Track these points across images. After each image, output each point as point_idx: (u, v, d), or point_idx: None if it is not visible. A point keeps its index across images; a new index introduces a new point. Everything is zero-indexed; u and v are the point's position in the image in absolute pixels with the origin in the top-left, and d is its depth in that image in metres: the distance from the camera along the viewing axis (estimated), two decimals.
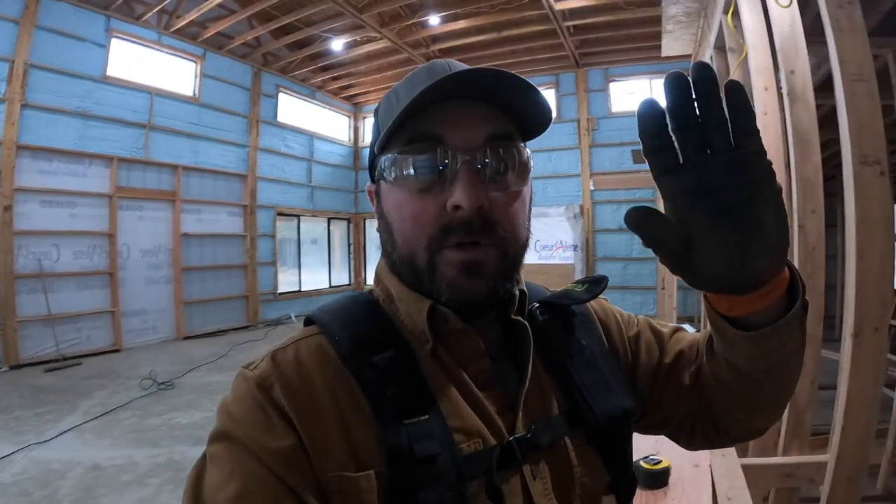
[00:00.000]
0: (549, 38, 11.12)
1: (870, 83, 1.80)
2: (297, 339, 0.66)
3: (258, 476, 0.54)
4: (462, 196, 0.60)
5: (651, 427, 0.81)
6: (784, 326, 0.57)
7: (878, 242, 1.83)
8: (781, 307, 0.57)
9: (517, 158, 0.64)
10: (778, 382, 0.67)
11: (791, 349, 0.62)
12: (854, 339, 1.84)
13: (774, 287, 0.55)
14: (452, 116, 0.62)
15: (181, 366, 7.36)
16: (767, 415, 0.75)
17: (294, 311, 12.47)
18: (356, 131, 15.40)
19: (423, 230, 0.62)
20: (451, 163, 0.61)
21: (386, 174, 0.65)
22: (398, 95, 0.68)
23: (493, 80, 0.60)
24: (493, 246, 0.62)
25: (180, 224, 9.84)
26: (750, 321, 0.58)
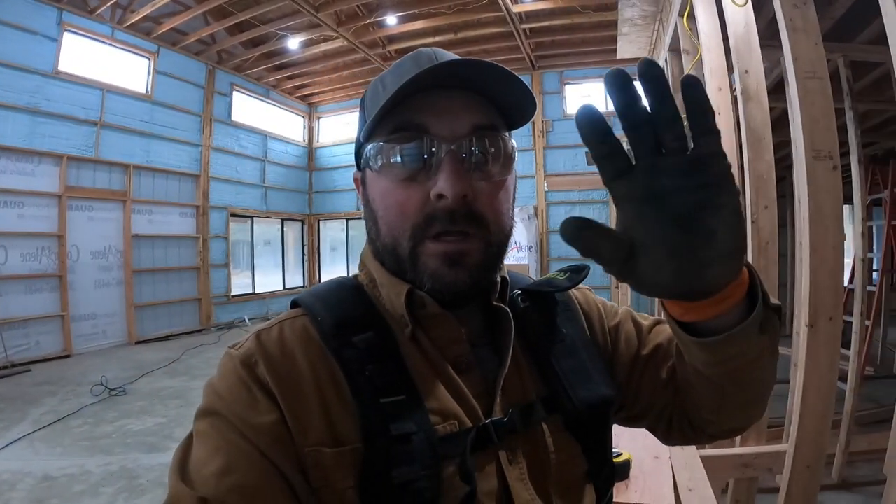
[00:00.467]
0: (505, 40, 11.24)
1: (823, 81, 1.87)
2: (282, 320, 0.67)
3: (242, 451, 0.55)
4: (446, 185, 0.60)
5: (629, 419, 0.81)
6: (740, 334, 0.54)
7: (830, 235, 1.89)
8: (739, 314, 0.55)
9: (502, 148, 0.65)
10: (743, 388, 0.65)
11: (753, 357, 0.59)
12: (809, 329, 1.90)
13: (729, 294, 0.52)
14: (438, 106, 0.63)
15: (133, 371, 7.15)
16: (739, 418, 0.73)
17: (248, 313, 12.25)
18: (311, 131, 15.25)
19: (407, 218, 0.63)
20: (436, 152, 0.62)
21: (372, 162, 0.66)
22: (384, 84, 0.68)
23: (479, 70, 0.61)
24: (477, 237, 0.63)
25: (131, 225, 9.54)
26: (706, 327, 0.56)
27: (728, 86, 3.06)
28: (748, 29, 2.46)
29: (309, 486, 0.57)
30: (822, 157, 1.88)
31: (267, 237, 13.82)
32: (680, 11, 3.45)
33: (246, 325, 11.59)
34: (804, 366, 1.95)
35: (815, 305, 1.90)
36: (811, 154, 1.88)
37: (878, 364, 6.17)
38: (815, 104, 1.87)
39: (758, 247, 2.57)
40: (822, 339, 1.90)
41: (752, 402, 0.70)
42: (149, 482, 3.78)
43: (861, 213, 4.09)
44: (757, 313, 0.54)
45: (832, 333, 1.89)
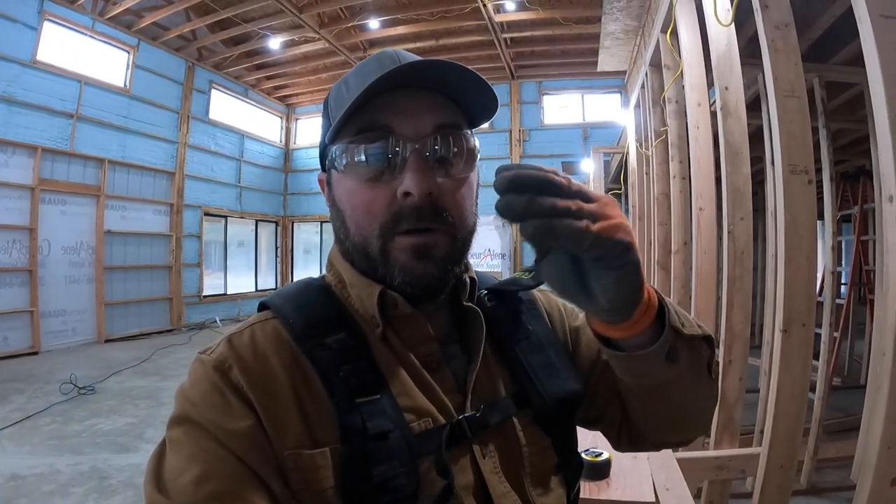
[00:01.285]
0: (486, 48, 11.37)
1: (801, 100, 1.96)
2: (252, 324, 0.67)
3: (219, 457, 0.55)
4: (411, 183, 0.61)
5: (586, 421, 0.82)
6: (643, 357, 0.58)
7: (804, 245, 1.97)
8: (650, 338, 0.58)
9: (464, 146, 0.66)
10: (664, 405, 0.69)
11: (664, 380, 0.63)
12: (783, 334, 1.98)
13: (630, 326, 0.56)
14: (402, 106, 0.64)
15: (103, 370, 7.02)
16: (670, 434, 0.77)
17: (219, 314, 12.14)
18: (288, 133, 15.22)
19: (374, 218, 0.64)
20: (401, 151, 0.63)
21: (337, 163, 0.66)
22: (348, 85, 0.69)
23: (442, 70, 0.62)
24: (443, 231, 0.64)
25: (104, 221, 9.39)
26: (620, 344, 0.60)
27: (707, 101, 3.16)
28: (729, 47, 2.56)
29: (289, 489, 0.57)
30: (798, 171, 1.96)
31: (240, 238, 13.73)
32: (663, 27, 3.54)
33: (217, 326, 11.48)
34: (778, 369, 2.03)
35: (789, 311, 1.99)
36: (788, 168, 1.96)
37: (845, 375, 6.32)
38: (793, 121, 1.95)
39: (733, 256, 2.65)
40: (796, 344, 1.98)
41: (679, 420, 0.73)
42: (119, 483, 3.72)
43: (832, 228, 4.21)
44: (659, 345, 0.58)
45: (805, 338, 1.97)
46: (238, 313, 12.78)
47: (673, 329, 0.59)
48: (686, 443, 0.82)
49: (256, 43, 11.24)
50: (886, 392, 1.19)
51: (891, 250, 1.22)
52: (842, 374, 6.30)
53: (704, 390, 0.69)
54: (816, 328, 4.38)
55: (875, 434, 1.21)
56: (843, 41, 3.78)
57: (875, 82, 1.24)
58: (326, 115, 0.73)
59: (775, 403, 2.03)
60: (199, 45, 11.42)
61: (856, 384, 5.89)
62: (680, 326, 0.60)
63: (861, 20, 1.31)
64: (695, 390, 0.68)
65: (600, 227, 0.46)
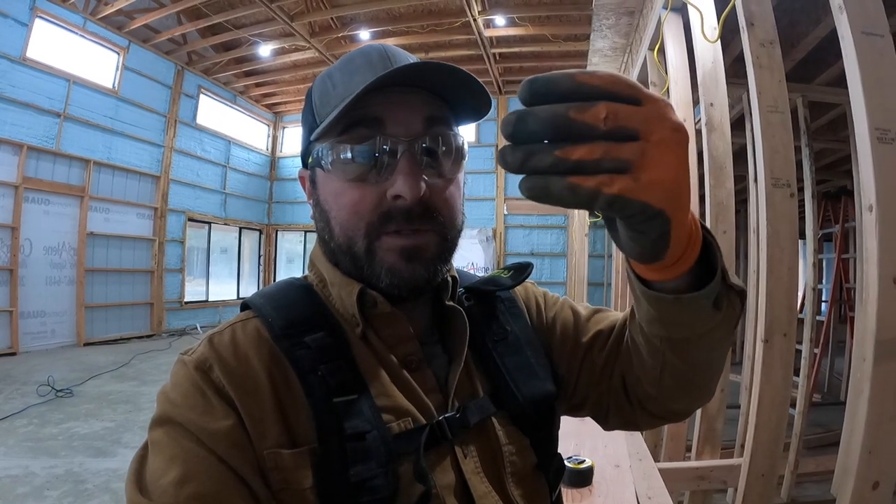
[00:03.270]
0: (474, 62, 11.43)
1: (784, 115, 2.00)
2: (233, 323, 0.67)
3: (200, 458, 0.55)
4: (404, 187, 0.61)
5: (571, 408, 0.82)
6: (689, 301, 0.53)
7: (786, 256, 2.01)
8: (687, 285, 0.53)
9: (454, 145, 0.65)
10: (684, 362, 0.63)
11: (699, 332, 0.58)
12: (765, 344, 2.01)
13: (664, 270, 0.51)
14: (392, 101, 0.63)
15: (81, 373, 6.92)
16: (680, 398, 0.71)
17: (200, 321, 12.02)
18: (274, 140, 15.17)
19: (361, 218, 0.63)
20: (391, 151, 0.62)
21: (323, 161, 0.65)
22: (333, 81, 0.67)
23: (438, 72, 0.61)
24: (433, 231, 0.64)
25: (87, 222, 9.29)
26: (662, 287, 0.54)
27: (692, 117, 3.22)
28: (715, 64, 2.61)
29: (269, 488, 0.57)
30: (780, 185, 2.00)
31: (224, 244, 13.64)
32: (650, 45, 3.60)
33: (198, 333, 11.34)
34: (760, 379, 2.06)
35: (770, 322, 2.02)
36: (770, 182, 2.00)
37: (825, 391, 6.43)
38: (776, 136, 2.00)
39: None
40: (777, 353, 2.01)
41: (694, 382, 0.68)
42: (95, 487, 3.65)
43: (813, 245, 4.28)
44: (710, 289, 0.53)
45: (786, 348, 2.00)
46: (219, 320, 12.57)
47: (723, 274, 0.54)
48: (688, 412, 0.76)
49: (246, 49, 11.25)
50: (867, 397, 1.21)
51: (870, 258, 1.25)
52: (822, 391, 6.41)
53: (726, 349, 0.66)
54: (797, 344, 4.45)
55: (856, 439, 1.24)
56: (827, 62, 3.87)
57: (856, 95, 1.29)
58: (310, 110, 0.70)
59: (757, 412, 2.06)
60: (190, 50, 11.38)
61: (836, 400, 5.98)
62: (725, 271, 0.55)
63: (843, 37, 1.35)
64: (720, 348, 0.64)
65: (623, 186, 0.37)
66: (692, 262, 0.51)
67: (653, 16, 3.49)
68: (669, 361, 0.63)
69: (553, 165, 0.37)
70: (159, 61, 10.92)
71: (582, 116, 0.36)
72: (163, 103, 11.12)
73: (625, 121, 0.37)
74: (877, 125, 1.27)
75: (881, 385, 1.22)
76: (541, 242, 13.21)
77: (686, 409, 0.75)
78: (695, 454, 2.79)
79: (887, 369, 1.22)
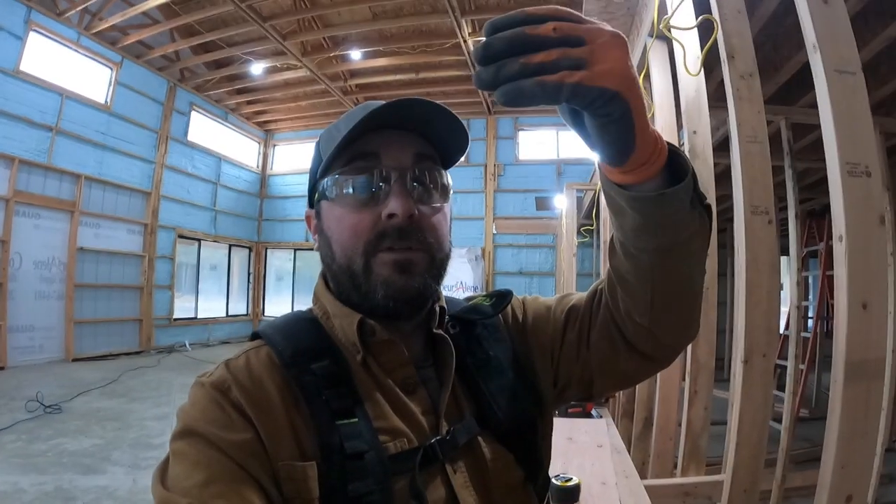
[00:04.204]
0: (464, 83, 11.60)
1: (762, 145, 2.08)
2: (247, 350, 0.73)
3: (222, 464, 0.60)
4: (396, 205, 0.68)
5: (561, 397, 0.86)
6: (670, 195, 0.58)
7: (765, 280, 2.08)
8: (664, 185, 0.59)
9: (439, 179, 0.74)
10: (671, 278, 0.68)
11: (685, 236, 0.64)
12: (745, 365, 2.08)
13: (639, 171, 0.57)
14: (386, 140, 0.72)
15: (69, 389, 6.88)
16: (672, 325, 0.74)
17: (189, 338, 11.97)
18: (265, 158, 15.25)
19: (359, 237, 0.70)
20: (386, 180, 0.70)
21: (328, 193, 0.73)
22: (338, 128, 0.75)
23: (424, 110, 0.70)
24: (422, 250, 0.70)
25: (77, 237, 9.29)
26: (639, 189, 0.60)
27: (677, 143, 3.30)
28: (699, 94, 2.69)
29: (282, 496, 0.62)
30: (759, 212, 2.07)
31: (213, 261, 13.64)
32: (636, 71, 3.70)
33: (186, 350, 11.30)
34: (740, 398, 2.13)
35: (749, 343, 2.08)
36: (749, 209, 2.06)
37: (813, 406, 6.51)
38: (755, 165, 2.07)
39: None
40: (757, 373, 2.07)
41: (682, 302, 0.72)
42: None
43: (797, 264, 4.36)
44: (687, 182, 0.59)
45: (765, 368, 2.07)
46: (208, 338, 12.63)
47: (693, 178, 0.60)
48: (677, 347, 0.79)
49: (239, 67, 11.35)
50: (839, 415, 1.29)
51: (840, 285, 1.33)
52: (809, 406, 6.48)
53: (703, 267, 0.71)
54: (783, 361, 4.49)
55: (830, 454, 1.31)
56: (809, 85, 3.95)
57: (828, 130, 1.37)
58: (317, 154, 0.79)
59: (738, 430, 2.12)
60: (182, 66, 11.48)
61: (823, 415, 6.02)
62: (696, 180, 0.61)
63: (817, 74, 1.43)
64: (699, 262, 0.70)
65: (582, 76, 0.45)
66: (662, 162, 0.58)
67: (639, 42, 3.59)
68: (657, 278, 0.68)
69: (521, 70, 0.45)
70: (152, 77, 10.98)
71: (536, 31, 0.45)
72: (154, 119, 11.17)
73: (571, 31, 0.46)
74: (847, 159, 1.34)
75: (851, 404, 1.29)
76: (529, 261, 13.30)
77: (675, 341, 0.78)
78: (680, 471, 2.85)
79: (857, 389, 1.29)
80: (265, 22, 9.33)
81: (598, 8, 3.83)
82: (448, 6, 8.81)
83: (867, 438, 1.29)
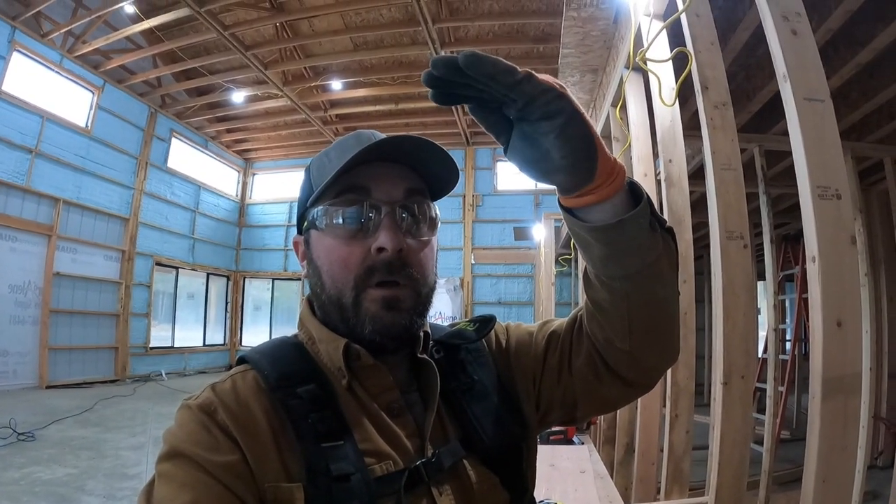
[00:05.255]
0: (443, 114, 11.78)
1: (736, 172, 2.14)
2: (233, 374, 0.74)
3: (208, 486, 0.60)
4: (386, 239, 0.70)
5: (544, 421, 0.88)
6: (628, 220, 0.62)
7: (741, 303, 2.12)
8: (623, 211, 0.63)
9: (428, 213, 0.76)
10: (644, 299, 0.70)
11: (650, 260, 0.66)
12: (724, 386, 2.11)
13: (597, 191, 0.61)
14: (377, 173, 0.74)
15: (43, 416, 6.70)
16: (652, 348, 0.77)
17: (165, 367, 11.79)
18: (244, 187, 15.20)
19: (350, 271, 0.72)
20: (376, 214, 0.72)
21: (318, 223, 0.75)
22: (329, 157, 0.78)
23: (417, 146, 0.72)
24: (409, 286, 0.72)
25: (54, 262, 9.15)
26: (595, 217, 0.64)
27: (653, 171, 3.38)
28: (674, 123, 2.77)
29: None
30: (734, 237, 2.12)
31: (191, 290, 13.50)
32: (613, 102, 3.78)
33: (163, 380, 11.11)
34: (720, 419, 2.16)
35: (728, 365, 2.12)
36: (725, 234, 2.11)
37: (794, 427, 6.58)
38: (730, 192, 2.13)
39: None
40: (736, 394, 2.10)
41: (660, 327, 0.75)
42: None
43: (773, 287, 4.44)
44: (642, 207, 0.62)
45: (744, 389, 2.11)
46: (185, 367, 12.44)
47: (648, 202, 0.63)
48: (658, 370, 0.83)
49: (220, 95, 11.40)
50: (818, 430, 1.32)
51: (815, 304, 1.37)
52: (790, 427, 6.53)
53: (675, 290, 0.74)
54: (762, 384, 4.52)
55: (811, 469, 1.34)
56: (781, 113, 4.07)
57: (799, 155, 1.43)
58: (308, 181, 0.81)
59: (719, 451, 2.15)
60: (164, 93, 11.50)
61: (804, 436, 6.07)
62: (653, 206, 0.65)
63: (787, 102, 1.49)
64: (670, 283, 0.72)
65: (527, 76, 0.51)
66: (622, 181, 0.62)
67: (615, 74, 3.68)
68: (632, 304, 0.70)
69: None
70: (133, 103, 10.98)
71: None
72: (135, 145, 11.14)
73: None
74: (818, 183, 1.40)
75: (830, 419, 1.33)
76: (508, 291, 13.33)
77: (656, 365, 0.81)
78: (664, 494, 2.86)
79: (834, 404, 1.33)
80: (247, 51, 9.42)
81: (575, 41, 3.95)
82: (428, 38, 8.97)
83: (847, 452, 1.32)
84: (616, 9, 3.43)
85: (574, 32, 3.73)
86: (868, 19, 3.17)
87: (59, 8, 8.78)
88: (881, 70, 3.70)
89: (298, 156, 14.39)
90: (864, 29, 3.26)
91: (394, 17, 9.08)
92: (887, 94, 3.81)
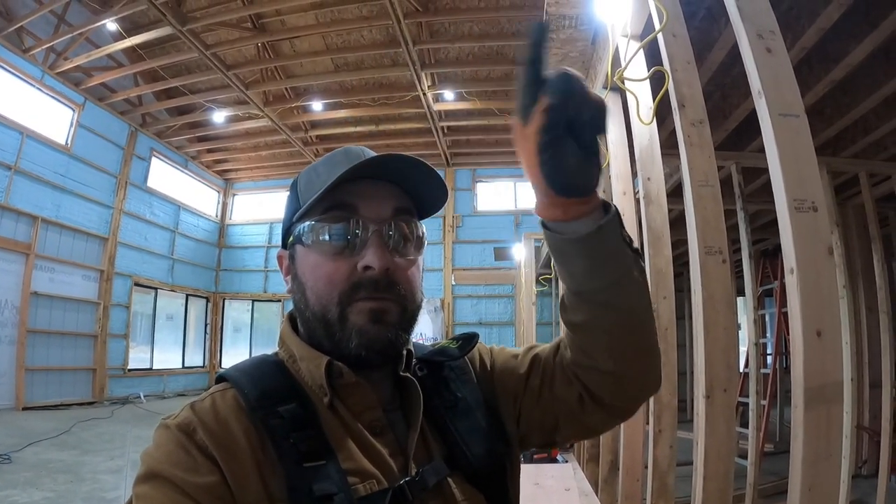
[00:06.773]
0: (423, 135, 11.84)
1: (714, 188, 2.18)
2: (213, 393, 0.72)
3: None
4: (373, 258, 0.70)
5: (524, 442, 0.87)
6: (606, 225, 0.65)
7: (721, 318, 2.14)
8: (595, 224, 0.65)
9: (415, 233, 0.77)
10: (622, 312, 0.72)
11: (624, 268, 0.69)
12: (706, 400, 2.12)
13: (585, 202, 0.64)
14: (366, 191, 0.74)
15: (19, 438, 6.58)
16: (635, 370, 0.78)
17: (143, 390, 11.57)
18: (224, 207, 15.11)
19: (335, 287, 0.71)
20: (363, 231, 0.72)
21: (304, 238, 0.74)
22: (318, 172, 0.78)
23: (407, 164, 0.73)
24: (395, 301, 0.72)
25: (31, 281, 8.99)
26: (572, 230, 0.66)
27: (632, 189, 3.42)
28: (651, 142, 2.81)
29: None
30: (712, 252, 2.14)
31: (169, 311, 13.34)
32: None
33: (141, 402, 10.89)
34: (704, 433, 2.17)
35: (710, 379, 2.13)
36: (703, 249, 2.14)
37: (777, 440, 6.65)
38: (707, 207, 2.16)
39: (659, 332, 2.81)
40: (719, 408, 2.12)
41: (640, 343, 0.76)
42: None
43: (753, 302, 4.49)
44: (614, 213, 0.66)
45: (726, 402, 2.12)
46: (163, 390, 12.23)
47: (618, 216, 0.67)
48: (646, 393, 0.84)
49: (201, 115, 11.39)
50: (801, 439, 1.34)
51: (794, 315, 1.39)
52: (773, 440, 6.59)
53: (648, 295, 0.75)
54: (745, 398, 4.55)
55: (796, 479, 1.35)
56: (757, 131, 4.15)
57: (775, 169, 1.45)
58: (295, 196, 0.80)
59: (704, 464, 2.15)
60: (144, 112, 11.46)
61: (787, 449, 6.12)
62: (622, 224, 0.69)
63: (763, 118, 1.52)
64: (645, 295, 0.74)
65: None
66: (599, 203, 0.66)
67: None
68: (615, 317, 0.72)
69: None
70: (114, 121, 10.90)
71: None
72: (114, 164, 11.05)
73: None
74: (794, 196, 1.42)
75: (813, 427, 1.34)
76: (489, 311, 13.36)
77: (640, 387, 0.82)
78: None
79: (817, 413, 1.34)
80: (229, 70, 9.43)
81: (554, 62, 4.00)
82: (408, 60, 9.05)
83: (831, 460, 1.33)
84: (594, 30, 3.49)
85: (553, 54, 3.78)
86: (841, 37, 3.26)
87: (41, 24, 8.76)
88: (854, 86, 3.80)
89: (279, 176, 14.35)
90: (837, 46, 3.35)
91: (374, 38, 9.16)
92: (861, 110, 3.91)
